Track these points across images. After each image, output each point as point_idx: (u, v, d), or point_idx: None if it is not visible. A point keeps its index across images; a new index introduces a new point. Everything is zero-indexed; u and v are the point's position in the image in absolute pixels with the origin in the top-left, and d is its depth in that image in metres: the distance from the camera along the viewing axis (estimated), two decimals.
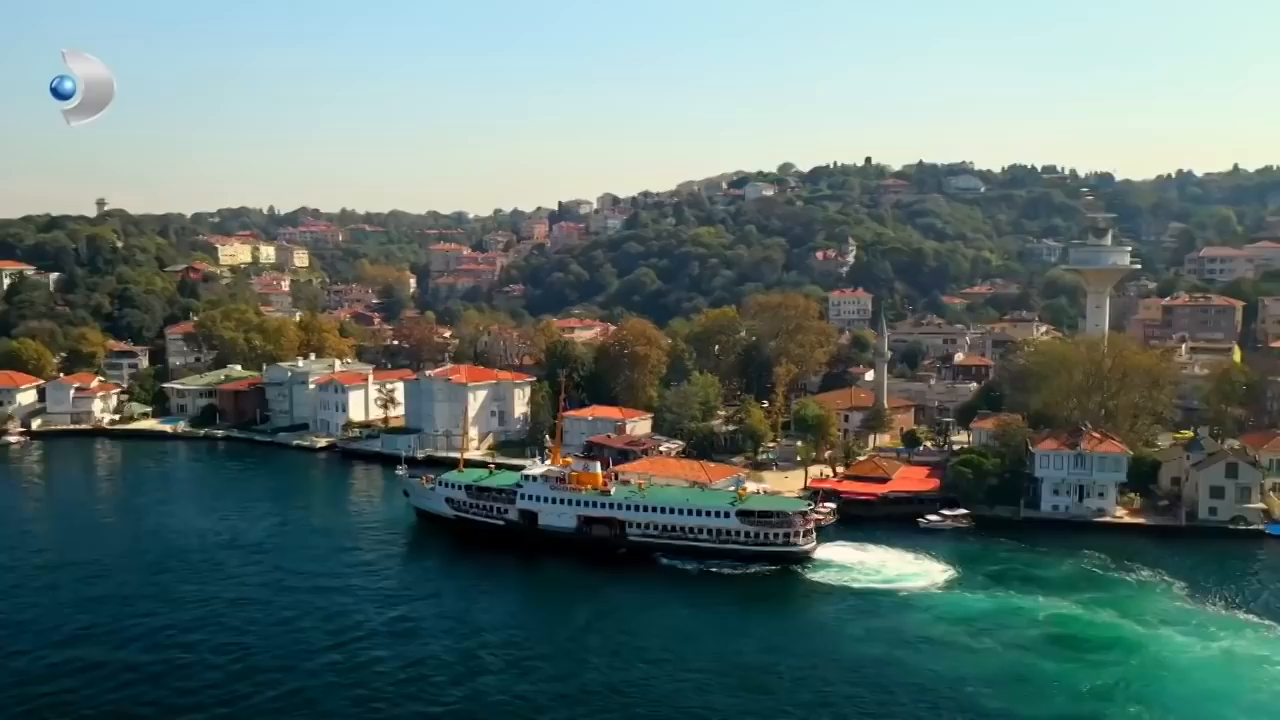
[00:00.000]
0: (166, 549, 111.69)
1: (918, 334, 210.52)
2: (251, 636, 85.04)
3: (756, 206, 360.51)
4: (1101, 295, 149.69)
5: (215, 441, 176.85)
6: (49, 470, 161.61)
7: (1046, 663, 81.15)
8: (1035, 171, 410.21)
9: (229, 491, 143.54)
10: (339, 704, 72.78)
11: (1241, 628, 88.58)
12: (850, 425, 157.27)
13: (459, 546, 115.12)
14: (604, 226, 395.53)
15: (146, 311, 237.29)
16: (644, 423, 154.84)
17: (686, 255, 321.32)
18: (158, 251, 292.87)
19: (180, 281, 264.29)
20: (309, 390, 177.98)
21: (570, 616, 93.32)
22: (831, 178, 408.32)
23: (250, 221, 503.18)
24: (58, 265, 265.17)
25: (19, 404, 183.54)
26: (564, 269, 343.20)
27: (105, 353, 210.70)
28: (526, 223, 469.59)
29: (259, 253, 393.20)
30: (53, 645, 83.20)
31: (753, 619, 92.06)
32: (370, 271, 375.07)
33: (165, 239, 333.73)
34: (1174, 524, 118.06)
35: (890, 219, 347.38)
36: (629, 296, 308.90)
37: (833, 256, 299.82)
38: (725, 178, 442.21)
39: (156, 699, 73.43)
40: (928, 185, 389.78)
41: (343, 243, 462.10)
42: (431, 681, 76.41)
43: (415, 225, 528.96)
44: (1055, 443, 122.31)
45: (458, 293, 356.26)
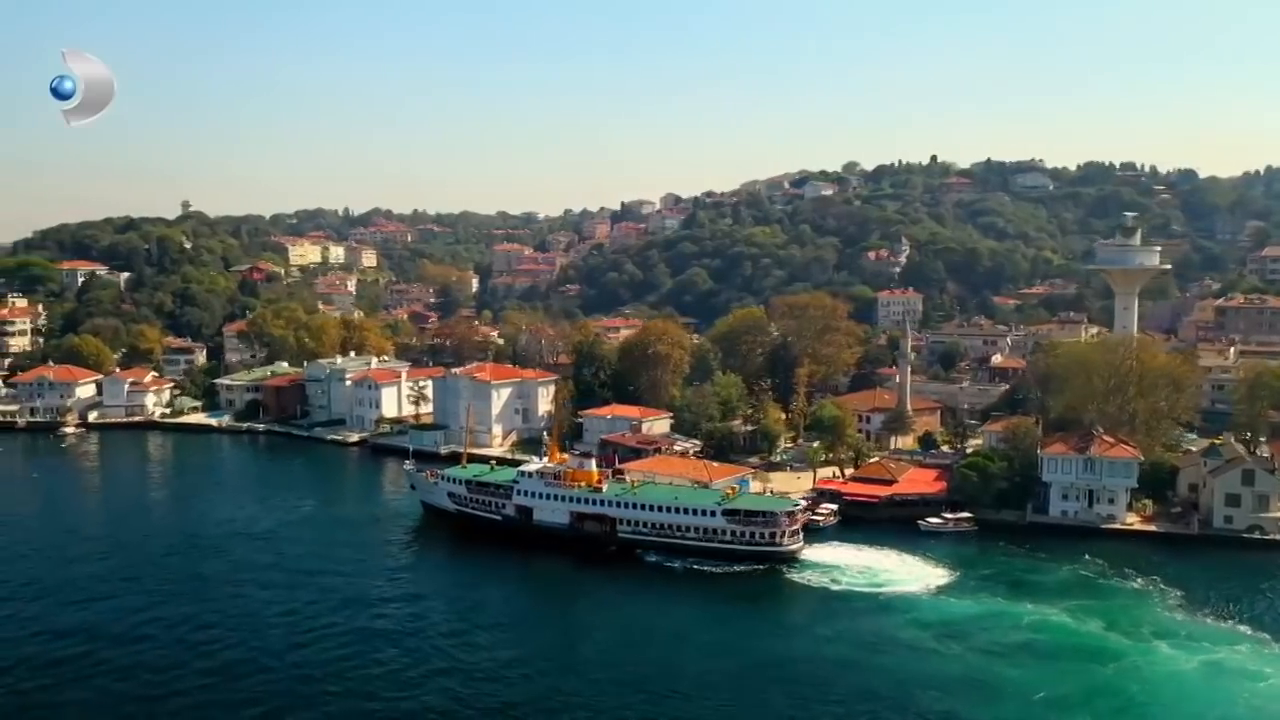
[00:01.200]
0: (180, 533, 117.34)
1: (957, 335, 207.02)
2: (221, 613, 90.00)
3: (812, 206, 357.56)
4: (1129, 296, 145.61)
5: (256, 435, 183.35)
6: (95, 460, 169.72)
7: (1011, 669, 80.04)
8: (1111, 169, 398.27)
9: (257, 482, 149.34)
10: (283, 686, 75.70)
11: (1236, 641, 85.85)
12: (871, 427, 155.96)
13: (458, 540, 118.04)
14: (661, 226, 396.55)
15: (206, 310, 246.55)
16: (662, 422, 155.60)
17: (739, 255, 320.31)
18: (224, 252, 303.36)
19: (241, 281, 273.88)
20: (345, 387, 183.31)
21: (540, 614, 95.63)
22: (894, 176, 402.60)
23: (325, 222, 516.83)
24: (128, 265, 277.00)
25: (78, 397, 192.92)
26: (618, 269, 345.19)
27: (162, 349, 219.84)
28: (589, 223, 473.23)
29: (328, 253, 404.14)
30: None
31: (719, 618, 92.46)
32: (431, 271, 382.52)
33: (237, 240, 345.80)
34: (1186, 532, 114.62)
35: (950, 218, 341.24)
36: (680, 296, 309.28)
37: (885, 256, 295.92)
38: (788, 177, 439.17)
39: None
40: (992, 184, 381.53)
41: (411, 243, 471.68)
42: (374, 676, 78.08)
43: (484, 225, 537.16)
44: (1064, 446, 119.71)
45: (515, 292, 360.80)
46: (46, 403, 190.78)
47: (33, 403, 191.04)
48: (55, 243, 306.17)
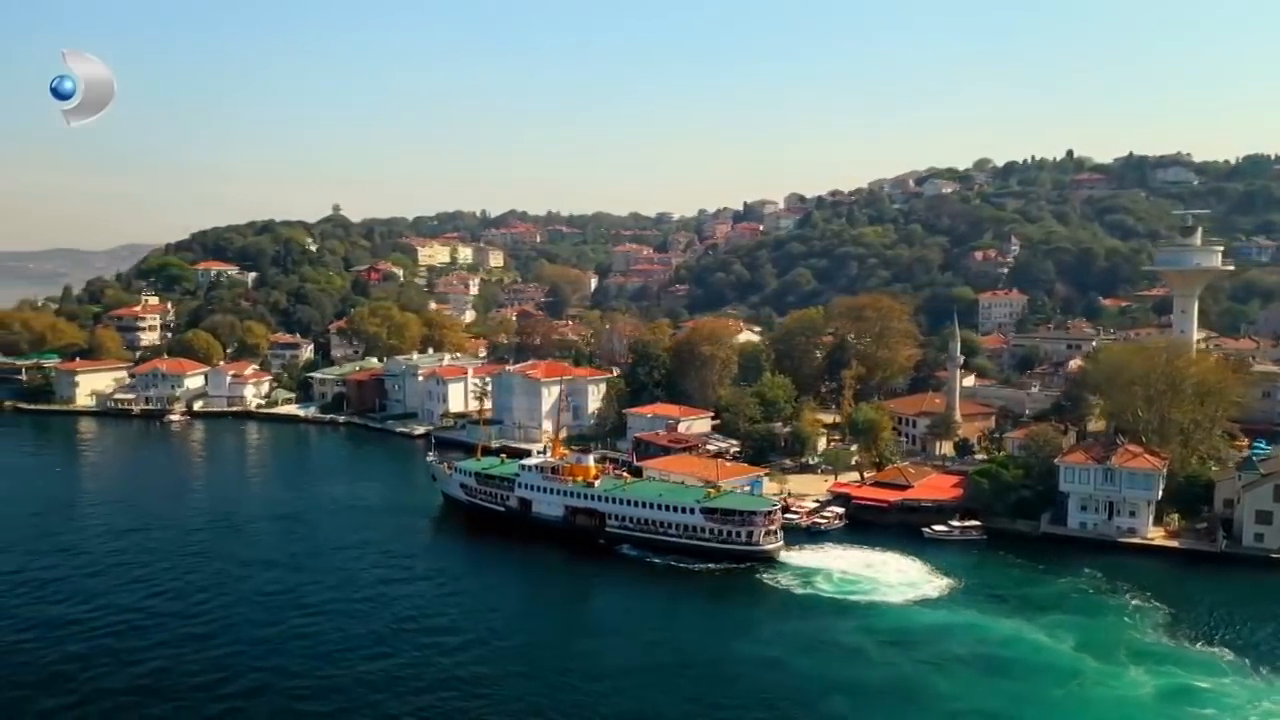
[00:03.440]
0: (218, 512, 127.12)
1: (1039, 339, 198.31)
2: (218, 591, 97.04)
3: (927, 204, 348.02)
4: (1188, 298, 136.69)
5: (336, 426, 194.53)
6: (190, 444, 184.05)
7: (943, 682, 77.94)
8: (1267, 161, 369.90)
9: (316, 469, 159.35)
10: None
11: (1213, 668, 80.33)
12: (916, 430, 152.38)
13: (467, 529, 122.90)
14: (776, 226, 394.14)
15: (317, 308, 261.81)
16: (701, 421, 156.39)
17: (846, 255, 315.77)
18: (346, 253, 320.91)
19: (354, 280, 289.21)
20: (417, 382, 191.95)
21: (502, 600, 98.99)
22: (1023, 173, 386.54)
23: (462, 224, 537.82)
24: (256, 266, 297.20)
25: (186, 388, 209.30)
26: (726, 269, 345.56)
27: (269, 344, 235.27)
28: (710, 223, 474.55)
29: (457, 253, 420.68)
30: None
31: (668, 613, 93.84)
32: (548, 271, 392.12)
33: (369, 241, 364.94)
34: (1209, 549, 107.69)
35: (1075, 216, 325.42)
36: (784, 296, 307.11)
37: (992, 256, 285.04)
38: (914, 175, 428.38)
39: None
40: (1128, 180, 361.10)
41: (539, 243, 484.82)
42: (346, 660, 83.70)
43: (615, 226, 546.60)
44: (1083, 455, 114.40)
45: (627, 292, 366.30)
46: (159, 392, 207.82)
47: (147, 392, 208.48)
48: (200, 244, 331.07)
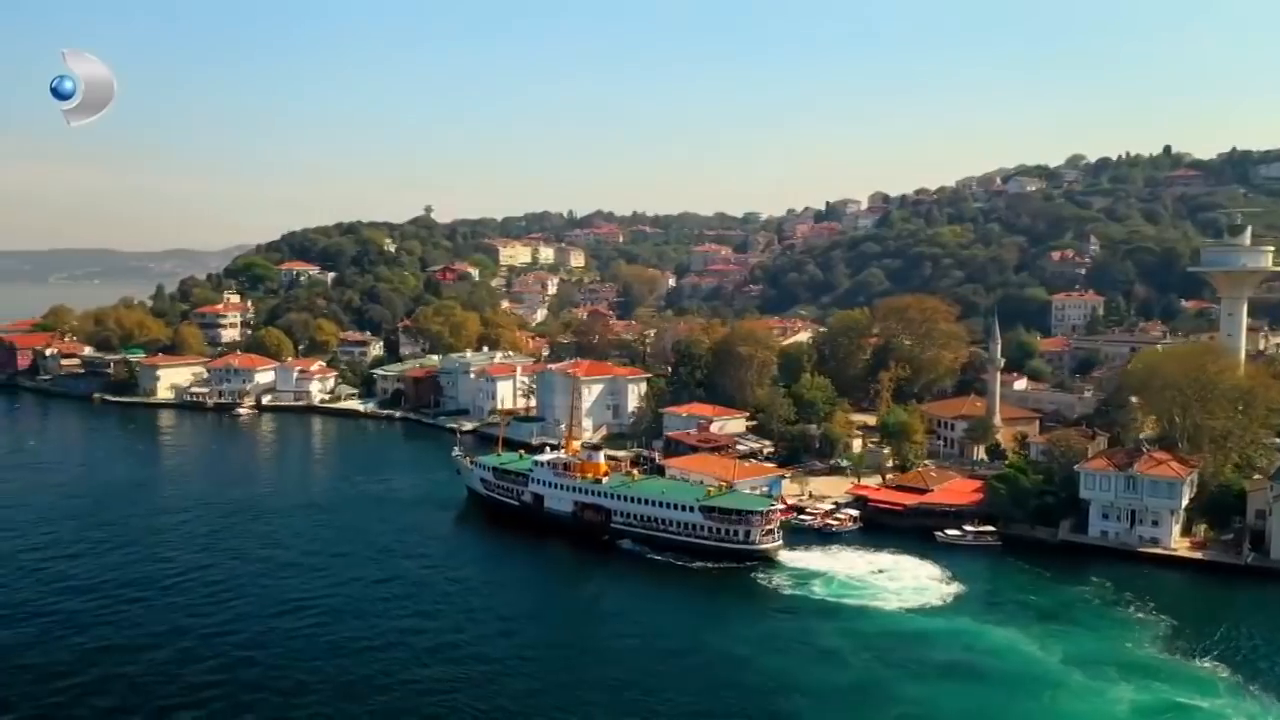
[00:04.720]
0: (254, 500, 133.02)
1: (1100, 342, 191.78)
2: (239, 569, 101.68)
3: (1008, 203, 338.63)
4: (1236, 301, 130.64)
5: (392, 421, 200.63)
6: (252, 436, 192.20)
7: (912, 687, 76.82)
8: None
9: (361, 461, 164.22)
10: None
11: (1205, 684, 77.31)
12: (954, 434, 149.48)
13: (485, 523, 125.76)
14: (854, 226, 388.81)
15: (389, 307, 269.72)
16: (736, 422, 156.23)
17: (920, 255, 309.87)
18: (423, 253, 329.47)
19: (426, 280, 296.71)
20: (470, 379, 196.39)
21: (506, 589, 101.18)
22: (1115, 170, 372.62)
23: (549, 225, 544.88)
24: (336, 266, 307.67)
25: (257, 383, 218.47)
26: (800, 269, 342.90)
27: (338, 341, 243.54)
28: (790, 223, 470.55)
29: (538, 254, 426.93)
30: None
31: (645, 609, 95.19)
32: (624, 271, 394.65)
33: (451, 242, 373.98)
34: (1234, 562, 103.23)
35: (1167, 214, 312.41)
36: (855, 297, 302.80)
37: (1070, 257, 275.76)
38: (1001, 173, 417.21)
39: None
40: (1227, 176, 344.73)
41: (621, 244, 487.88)
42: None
43: (699, 226, 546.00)
44: (1105, 462, 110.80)
45: (701, 292, 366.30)
46: (231, 387, 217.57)
47: (220, 386, 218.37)
48: (288, 245, 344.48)
